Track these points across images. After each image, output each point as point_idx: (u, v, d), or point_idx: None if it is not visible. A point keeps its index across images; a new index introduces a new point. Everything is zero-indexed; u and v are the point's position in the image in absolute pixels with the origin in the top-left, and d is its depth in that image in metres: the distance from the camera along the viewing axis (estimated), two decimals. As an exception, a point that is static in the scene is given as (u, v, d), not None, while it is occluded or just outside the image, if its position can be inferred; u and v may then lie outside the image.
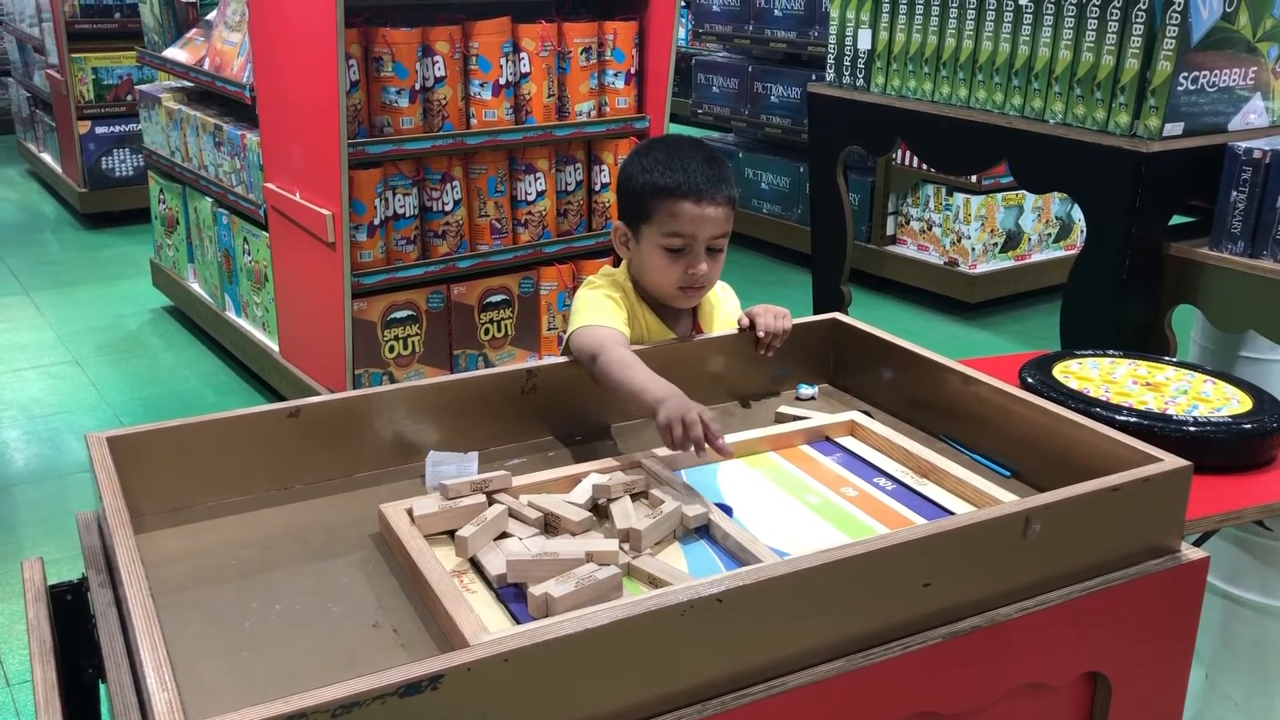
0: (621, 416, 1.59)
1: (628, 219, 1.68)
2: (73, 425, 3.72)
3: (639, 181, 1.64)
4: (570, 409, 1.56)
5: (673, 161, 1.62)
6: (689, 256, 1.62)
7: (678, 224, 1.60)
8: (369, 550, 1.27)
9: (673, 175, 1.61)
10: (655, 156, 1.64)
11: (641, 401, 1.44)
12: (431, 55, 3.24)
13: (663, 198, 1.60)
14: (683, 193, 1.60)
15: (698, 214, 1.60)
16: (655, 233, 1.62)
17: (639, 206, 1.64)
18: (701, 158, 1.62)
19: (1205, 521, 1.57)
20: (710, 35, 6.07)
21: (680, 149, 1.64)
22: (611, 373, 1.48)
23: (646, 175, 1.63)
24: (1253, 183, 2.30)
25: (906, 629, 1.11)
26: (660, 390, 1.42)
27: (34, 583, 1.20)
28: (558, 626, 0.95)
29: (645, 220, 1.63)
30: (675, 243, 1.61)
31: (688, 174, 1.60)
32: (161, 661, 0.91)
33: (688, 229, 1.60)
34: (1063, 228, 5.14)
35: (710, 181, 1.61)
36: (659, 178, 1.61)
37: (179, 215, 4.48)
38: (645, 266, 1.66)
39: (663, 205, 1.60)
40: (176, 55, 4.33)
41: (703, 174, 1.61)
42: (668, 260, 1.63)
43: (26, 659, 2.46)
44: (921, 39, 2.87)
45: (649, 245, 1.64)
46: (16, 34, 6.98)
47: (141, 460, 1.30)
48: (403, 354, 3.41)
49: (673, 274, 1.63)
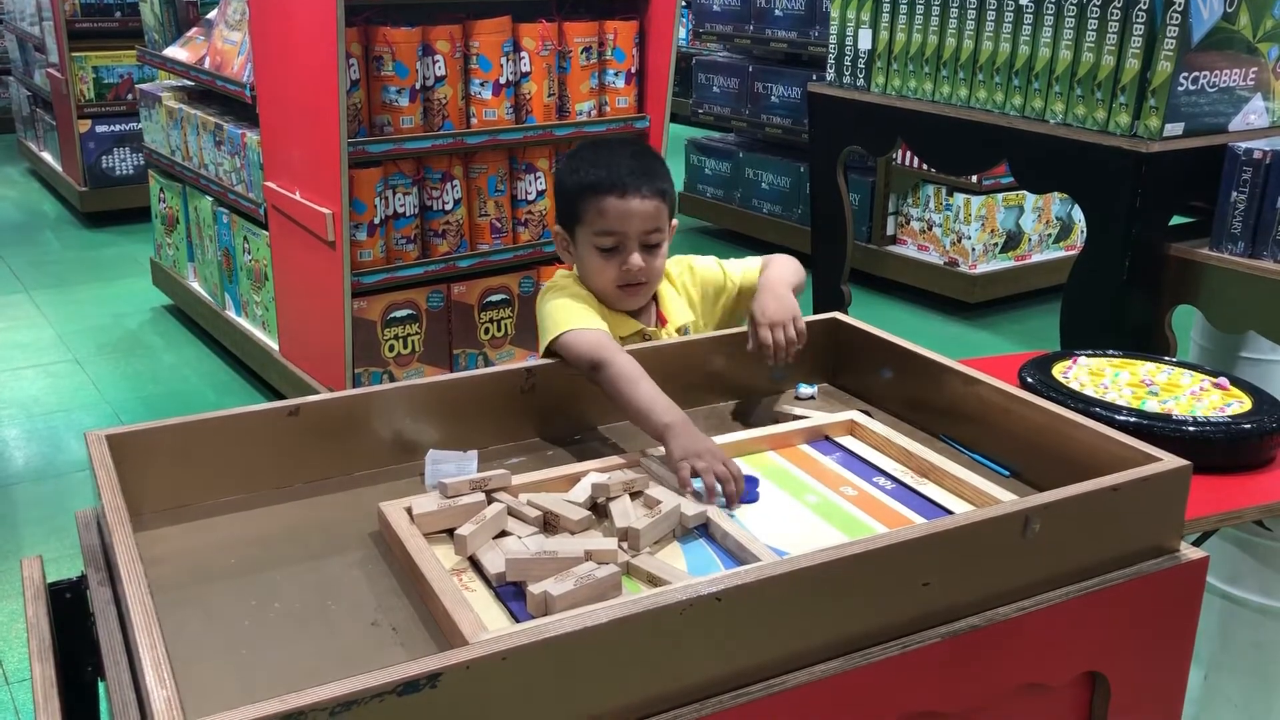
0: (621, 416, 1.59)
1: (563, 222, 1.68)
2: (72, 424, 3.72)
3: (568, 183, 1.64)
4: (569, 408, 1.56)
5: (599, 159, 1.62)
6: (621, 254, 1.61)
7: (605, 221, 1.60)
8: (368, 549, 1.27)
9: (597, 172, 1.60)
10: (584, 156, 1.64)
11: (648, 421, 1.41)
12: (432, 54, 3.24)
13: (589, 196, 1.61)
14: (606, 188, 1.59)
15: (624, 209, 1.59)
16: (588, 233, 1.62)
17: (570, 207, 1.64)
18: (628, 153, 1.62)
19: (1205, 521, 1.57)
20: (711, 35, 6.07)
21: (607, 147, 1.65)
22: (618, 388, 1.46)
23: (574, 175, 1.63)
24: (1253, 183, 2.29)
25: (905, 628, 1.11)
26: (666, 416, 1.38)
27: (33, 581, 1.20)
28: (557, 625, 0.94)
29: (578, 221, 1.63)
30: (606, 241, 1.61)
31: (611, 170, 1.60)
32: (160, 660, 0.90)
33: (616, 225, 1.59)
34: (1063, 228, 5.14)
35: (635, 175, 1.59)
36: (584, 176, 1.61)
37: (179, 214, 4.48)
38: (584, 268, 1.66)
39: (590, 204, 1.60)
40: (177, 54, 4.33)
41: (627, 168, 1.60)
42: (602, 260, 1.62)
43: (25, 657, 2.47)
44: (922, 39, 2.87)
45: (585, 246, 1.64)
46: (17, 33, 6.99)
47: (141, 459, 1.30)
48: (403, 353, 3.41)
49: (609, 273, 1.62)
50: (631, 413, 1.45)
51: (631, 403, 1.44)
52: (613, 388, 1.47)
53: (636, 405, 1.43)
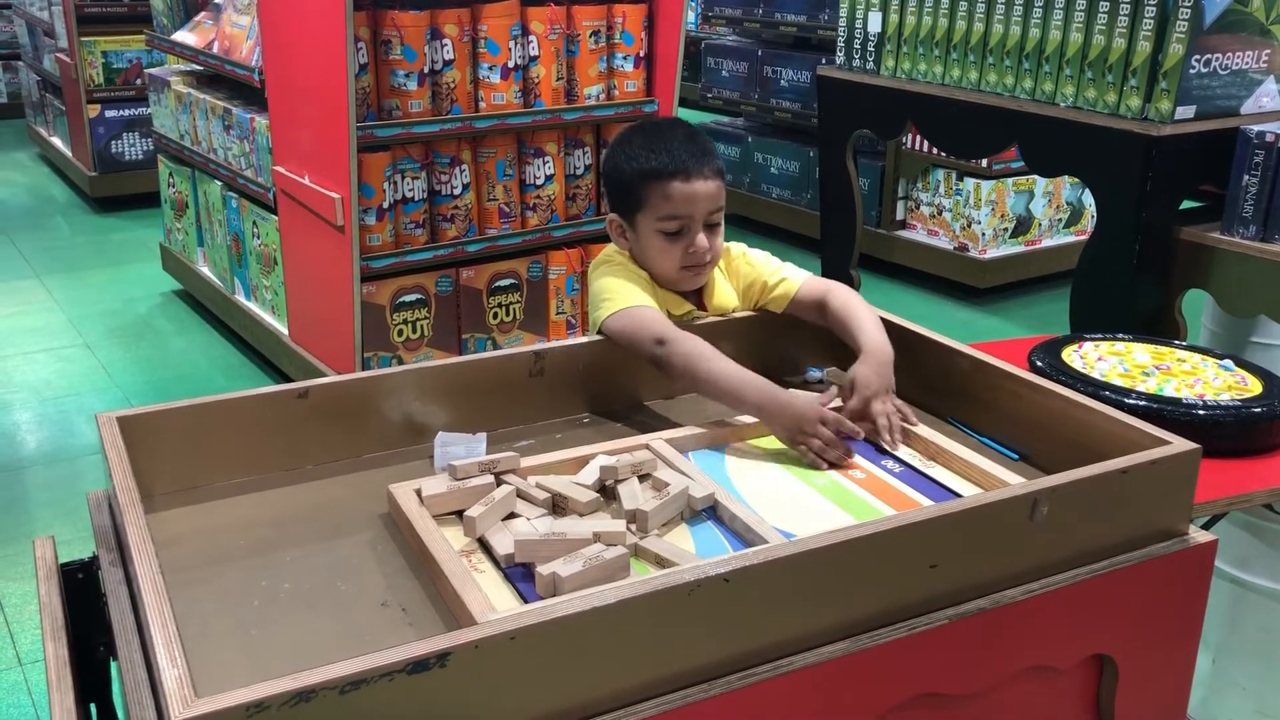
0: (629, 399, 1.59)
1: (621, 210, 1.67)
2: (83, 408, 3.73)
3: (626, 171, 1.63)
4: (578, 391, 1.56)
5: (654, 144, 1.61)
6: (687, 236, 1.62)
7: (672, 205, 1.60)
8: (378, 530, 1.27)
9: (657, 158, 1.60)
10: (637, 143, 1.63)
11: (741, 401, 1.47)
12: (440, 38, 3.24)
13: (652, 182, 1.60)
14: (670, 173, 1.59)
15: (689, 191, 1.59)
16: (650, 218, 1.62)
17: (630, 195, 1.63)
18: (682, 135, 1.63)
19: (1213, 505, 1.57)
20: (720, 19, 6.05)
21: (659, 131, 1.65)
22: (694, 365, 1.49)
23: (632, 163, 1.62)
24: (1265, 166, 2.28)
25: (913, 610, 1.11)
26: (757, 394, 1.45)
27: (46, 561, 1.21)
28: (565, 606, 0.95)
29: (639, 208, 1.63)
30: (671, 225, 1.61)
31: (671, 154, 1.60)
32: (172, 639, 0.91)
33: (683, 209, 1.60)
34: (1073, 213, 5.12)
35: (695, 157, 1.60)
36: (644, 163, 1.61)
37: (188, 199, 4.49)
38: (646, 254, 1.66)
39: (654, 189, 1.60)
40: (185, 39, 4.33)
41: (686, 151, 1.60)
42: (667, 243, 1.62)
43: (38, 637, 2.49)
44: (932, 22, 2.86)
45: (647, 232, 1.63)
46: (26, 18, 6.99)
47: (152, 440, 1.31)
48: (411, 337, 3.41)
49: (674, 256, 1.63)
50: (715, 391, 1.49)
51: (715, 381, 1.48)
52: (687, 364, 1.50)
53: (721, 384, 1.48)
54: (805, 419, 1.42)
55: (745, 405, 1.47)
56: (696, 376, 1.50)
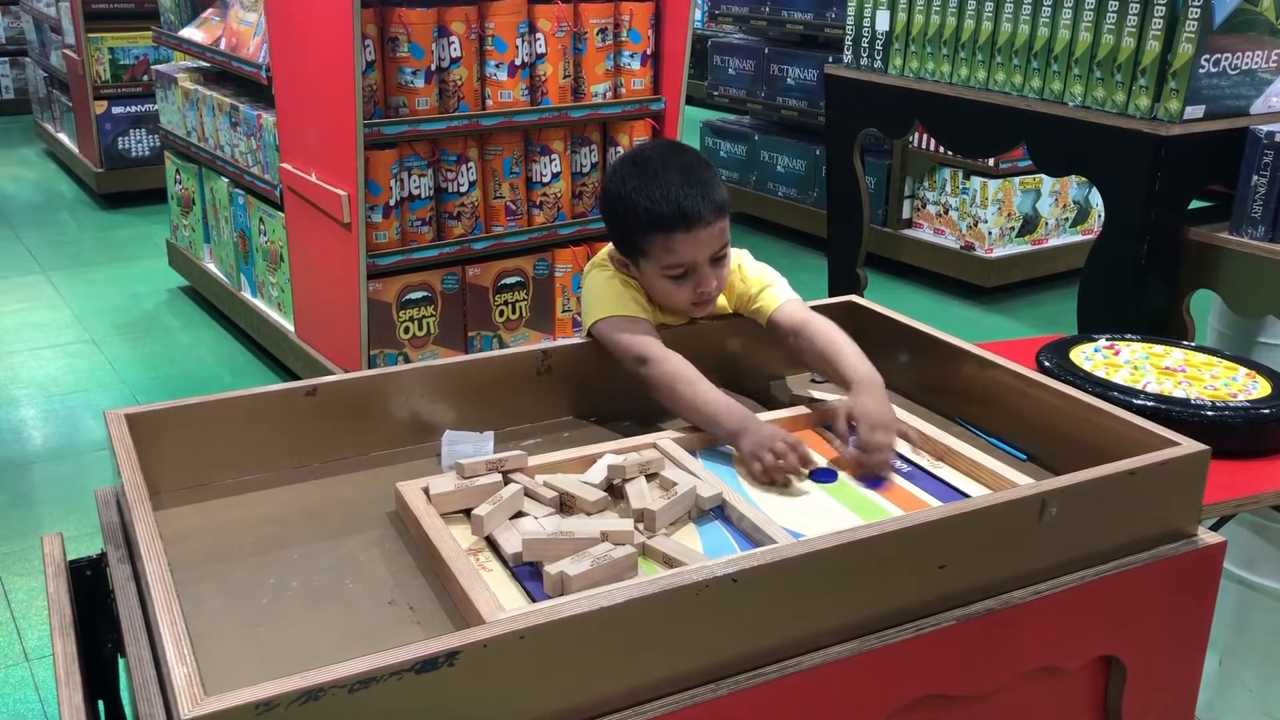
0: (637, 399, 1.59)
1: (623, 250, 1.60)
2: (90, 404, 3.74)
3: (623, 218, 1.55)
4: (586, 390, 1.56)
5: (650, 188, 1.51)
6: (695, 277, 1.55)
7: (675, 256, 1.53)
8: (385, 528, 1.27)
9: (656, 206, 1.50)
10: (632, 185, 1.53)
11: (717, 426, 1.43)
12: (447, 35, 3.24)
13: (653, 234, 1.51)
14: (671, 224, 1.50)
15: (692, 241, 1.51)
16: (655, 266, 1.55)
17: (630, 242, 1.56)
18: (678, 173, 1.52)
19: (1222, 506, 1.56)
20: (727, 17, 6.04)
21: (656, 170, 1.53)
22: (676, 389, 1.47)
23: (631, 213, 1.53)
24: (1274, 166, 2.27)
25: (920, 611, 1.11)
26: (736, 419, 1.41)
27: (54, 558, 1.21)
28: (573, 605, 0.95)
29: (641, 254, 1.56)
30: (676, 272, 1.55)
31: (669, 200, 1.50)
32: (180, 636, 0.91)
33: (687, 258, 1.53)
34: (1080, 212, 5.11)
35: (695, 200, 1.50)
36: (643, 213, 1.51)
37: (195, 195, 4.50)
38: (653, 290, 1.60)
39: (656, 241, 1.52)
40: (193, 35, 4.33)
41: (685, 193, 1.50)
42: (674, 285, 1.56)
43: (46, 634, 2.49)
44: (940, 20, 2.85)
45: (652, 275, 1.57)
46: (33, 14, 7.00)
47: (160, 438, 1.31)
48: (418, 335, 3.41)
49: (683, 295, 1.57)
50: (692, 414, 1.47)
51: (694, 406, 1.45)
52: (668, 386, 1.47)
53: (700, 410, 1.45)
54: (774, 437, 1.37)
55: (723, 428, 1.42)
56: (678, 400, 1.47)
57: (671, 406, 1.50)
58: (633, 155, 1.62)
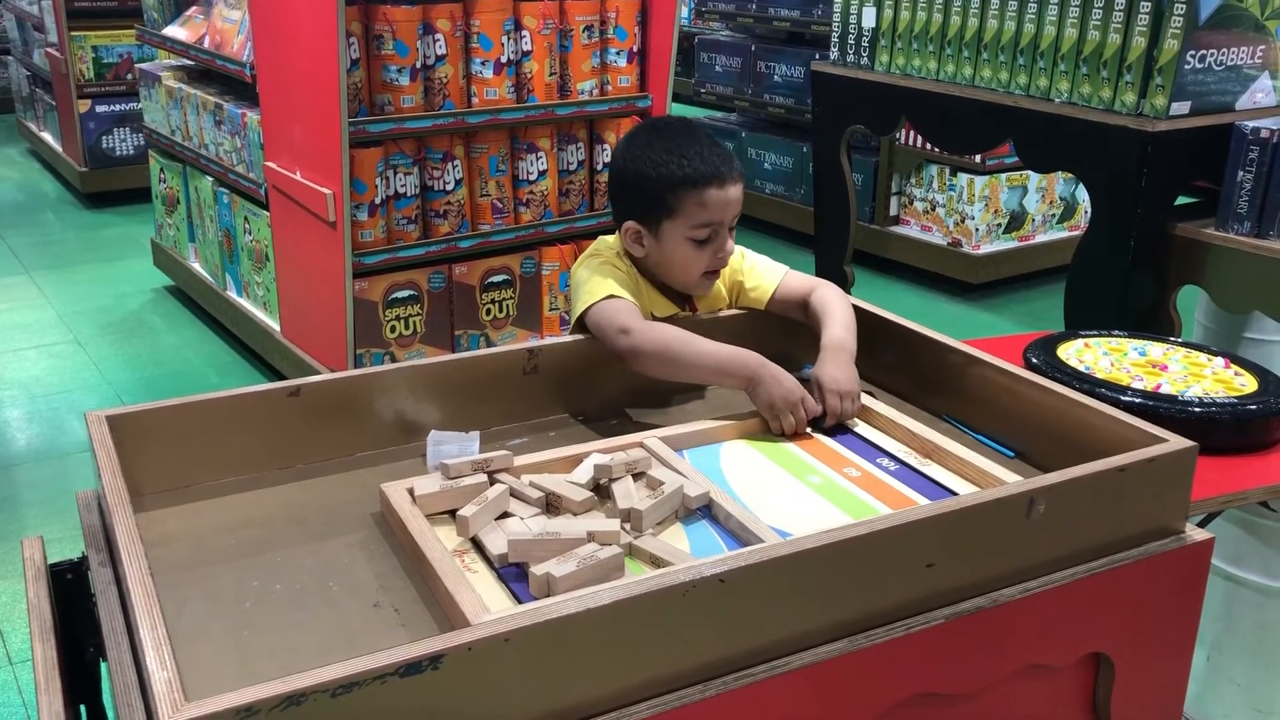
0: (624, 397, 1.59)
1: (643, 217, 1.60)
2: (74, 405, 3.72)
3: (652, 177, 1.57)
4: (572, 389, 1.55)
5: (684, 150, 1.56)
6: (716, 241, 1.60)
7: (707, 213, 1.56)
8: (370, 530, 1.26)
9: (691, 164, 1.55)
10: (660, 147, 1.57)
11: (727, 378, 1.48)
12: (432, 33, 3.22)
13: (688, 190, 1.55)
14: (706, 180, 1.55)
15: (724, 198, 1.57)
16: (682, 225, 1.57)
17: (658, 203, 1.57)
18: (705, 139, 1.60)
19: (1210, 503, 1.56)
20: (713, 14, 6.03)
21: (682, 135, 1.59)
22: (671, 349, 1.48)
23: (661, 169, 1.56)
24: (1259, 162, 2.28)
25: (909, 609, 1.10)
26: (749, 369, 1.46)
27: (34, 561, 1.20)
28: (559, 606, 0.94)
29: (668, 216, 1.57)
30: (703, 233, 1.58)
31: (705, 160, 1.56)
32: (161, 640, 0.90)
33: (716, 216, 1.58)
34: (1067, 208, 5.12)
35: (725, 161, 1.58)
36: (677, 170, 1.55)
37: (180, 194, 4.47)
38: (669, 260, 1.62)
39: (689, 198, 1.55)
40: (176, 33, 4.30)
41: (716, 156, 1.57)
42: (695, 250, 1.59)
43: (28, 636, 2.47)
44: (926, 17, 2.85)
45: (674, 239, 1.59)
46: (16, 12, 6.95)
47: (142, 439, 1.30)
48: (404, 334, 3.40)
49: (701, 262, 1.60)
50: (695, 372, 1.50)
51: (695, 363, 1.49)
52: (660, 350, 1.49)
53: (703, 364, 1.49)
54: (794, 394, 1.45)
55: (735, 378, 1.47)
56: (676, 360, 1.49)
57: (669, 371, 1.51)
58: (651, 124, 1.68)
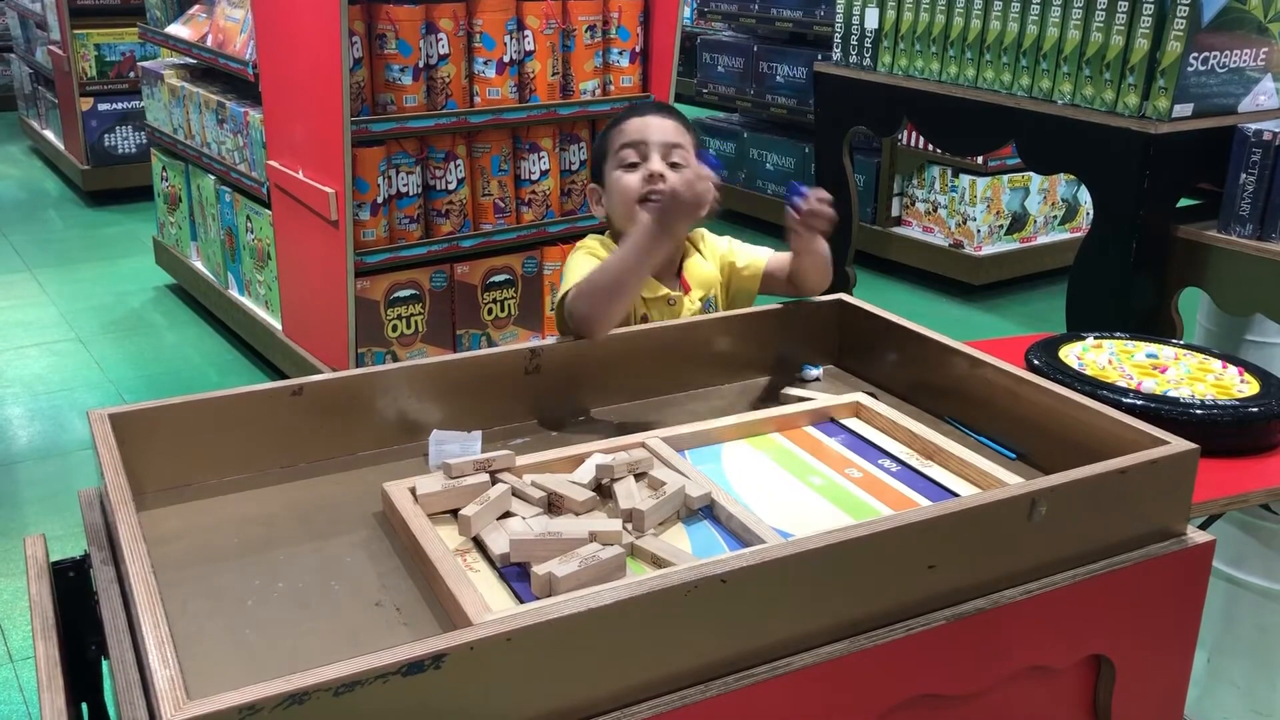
0: (626, 397, 1.59)
1: (595, 175, 1.81)
2: (76, 403, 3.72)
3: (599, 142, 1.79)
4: (574, 389, 1.55)
5: (627, 111, 1.79)
6: (644, 164, 1.70)
7: (625, 136, 1.72)
8: (372, 529, 1.26)
9: (623, 114, 1.78)
10: (615, 117, 1.81)
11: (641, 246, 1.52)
12: (435, 32, 3.22)
13: (613, 130, 1.75)
14: (626, 117, 1.75)
15: (642, 123, 1.72)
16: (614, 162, 1.73)
17: (599, 155, 1.78)
18: (653, 103, 1.83)
19: (1211, 505, 1.56)
20: (716, 14, 6.03)
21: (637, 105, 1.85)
22: (593, 278, 1.54)
23: (603, 133, 1.79)
24: (1262, 165, 2.28)
25: (910, 610, 1.10)
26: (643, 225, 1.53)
27: (36, 559, 1.20)
28: (561, 606, 0.94)
29: (604, 159, 1.75)
30: (630, 155, 1.71)
31: (635, 108, 1.78)
32: (164, 639, 0.90)
33: (636, 136, 1.71)
34: (1069, 210, 5.12)
35: (655, 107, 1.78)
36: (611, 124, 1.77)
37: (182, 193, 4.47)
38: (613, 202, 1.76)
39: (614, 135, 1.74)
40: (179, 32, 4.31)
41: (649, 106, 1.79)
42: (626, 175, 1.72)
43: (29, 634, 2.47)
44: (929, 18, 2.85)
45: (612, 179, 1.74)
46: (19, 10, 6.96)
47: (144, 437, 1.30)
48: (405, 333, 3.40)
49: (632, 186, 1.71)
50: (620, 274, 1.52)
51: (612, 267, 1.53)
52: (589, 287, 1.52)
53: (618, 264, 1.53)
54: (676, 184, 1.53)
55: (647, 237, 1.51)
56: (604, 274, 1.53)
57: (609, 291, 1.52)
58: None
